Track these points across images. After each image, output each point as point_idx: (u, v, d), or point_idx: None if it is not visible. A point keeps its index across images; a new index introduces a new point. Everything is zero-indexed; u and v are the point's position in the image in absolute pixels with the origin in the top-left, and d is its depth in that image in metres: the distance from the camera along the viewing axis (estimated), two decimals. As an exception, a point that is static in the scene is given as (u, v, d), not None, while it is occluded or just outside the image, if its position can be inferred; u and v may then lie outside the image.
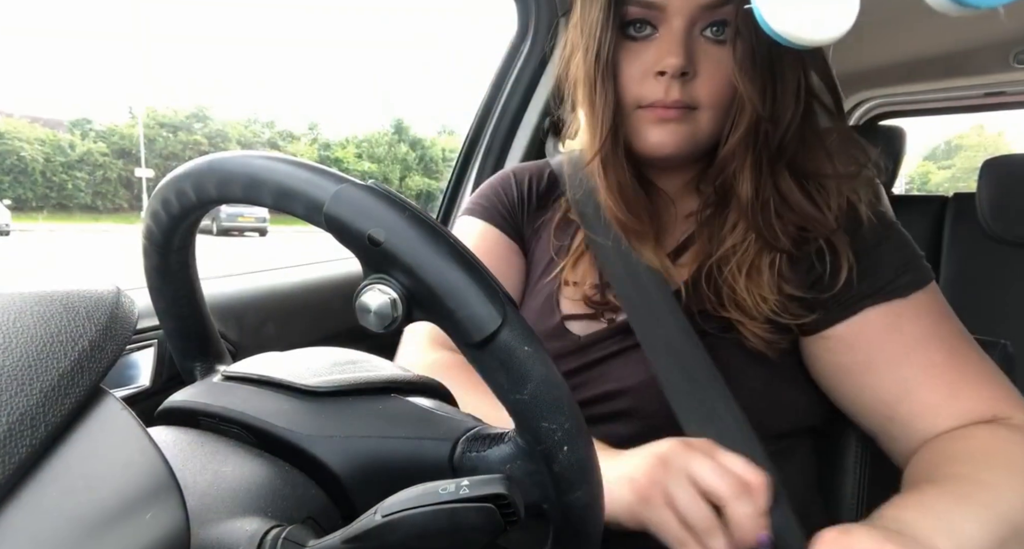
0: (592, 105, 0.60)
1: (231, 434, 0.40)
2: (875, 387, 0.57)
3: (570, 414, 0.32)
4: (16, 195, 19.90)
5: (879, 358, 0.57)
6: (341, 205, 0.31)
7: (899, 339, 0.56)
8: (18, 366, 0.26)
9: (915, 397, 0.55)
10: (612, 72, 0.58)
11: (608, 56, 0.57)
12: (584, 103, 0.62)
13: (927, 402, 0.55)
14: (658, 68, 0.56)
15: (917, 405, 0.55)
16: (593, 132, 0.61)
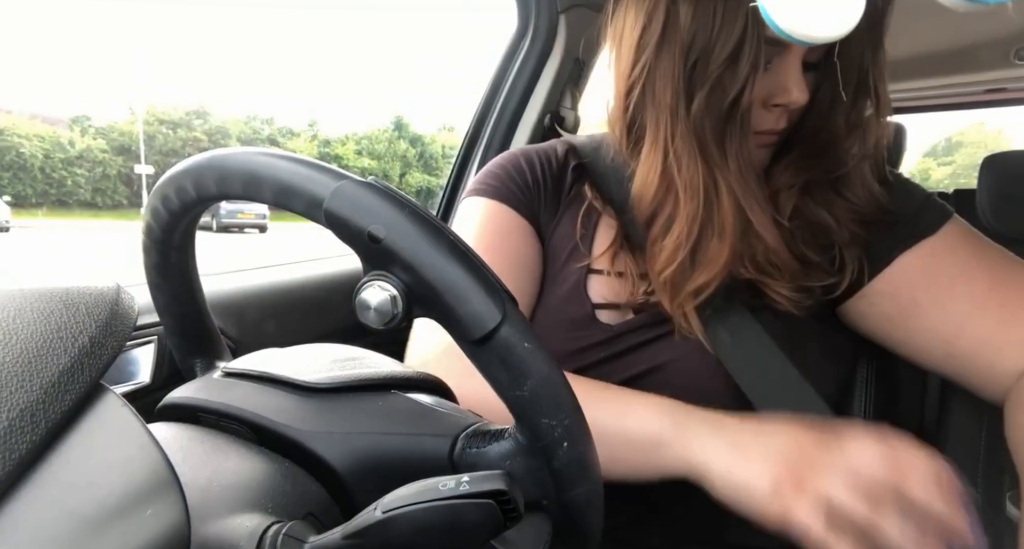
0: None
1: (231, 430, 0.40)
2: (926, 329, 0.56)
3: (570, 411, 0.32)
4: (16, 191, 19.89)
5: (924, 299, 0.56)
6: (341, 202, 0.31)
7: (939, 276, 0.56)
8: (18, 362, 0.26)
9: (968, 332, 0.54)
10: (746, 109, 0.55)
11: (749, 95, 0.53)
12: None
13: (980, 334, 0.54)
14: (779, 100, 0.55)
15: (972, 340, 0.54)
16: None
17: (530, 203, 0.68)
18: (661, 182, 0.57)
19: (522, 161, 0.70)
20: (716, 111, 0.53)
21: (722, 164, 0.54)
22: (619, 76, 0.58)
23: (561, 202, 0.69)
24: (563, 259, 0.65)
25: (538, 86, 1.19)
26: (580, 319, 0.62)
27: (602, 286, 0.63)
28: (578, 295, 0.62)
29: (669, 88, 0.54)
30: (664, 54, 0.54)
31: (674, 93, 0.54)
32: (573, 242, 0.65)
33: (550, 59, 1.18)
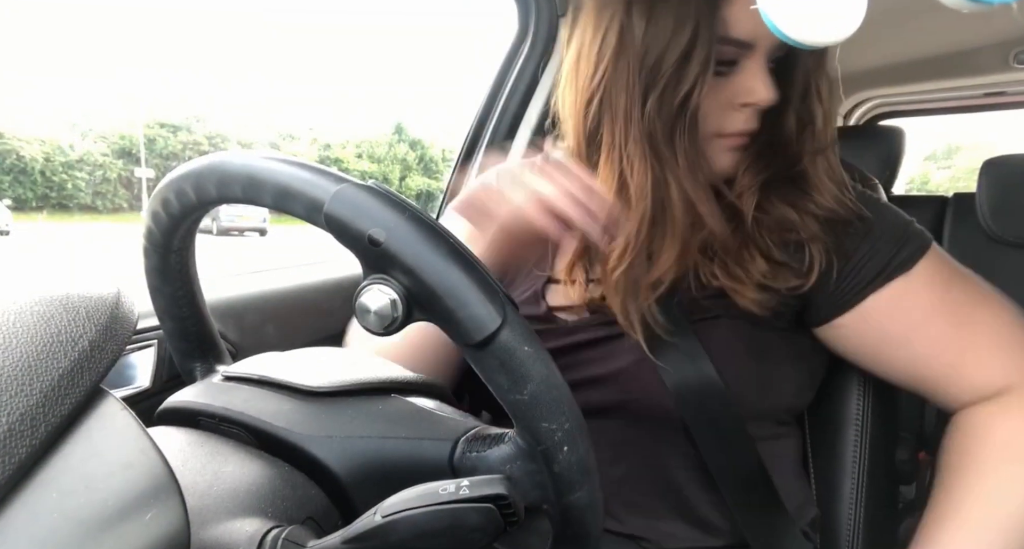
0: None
1: (231, 434, 0.40)
2: (890, 365, 0.61)
3: (570, 415, 0.32)
4: (16, 195, 19.90)
5: (887, 341, 0.59)
6: (341, 205, 0.31)
7: (903, 319, 0.58)
8: (18, 366, 0.26)
9: (926, 374, 0.59)
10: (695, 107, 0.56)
11: (699, 94, 0.55)
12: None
13: (938, 378, 0.59)
14: (746, 100, 0.57)
15: (930, 382, 0.59)
16: None
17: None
18: (616, 187, 0.58)
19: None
20: (667, 111, 0.55)
21: (672, 162, 0.56)
22: (579, 89, 0.61)
23: None
24: (524, 273, 0.70)
25: (538, 89, 1.20)
26: (537, 317, 0.65)
27: (558, 293, 0.67)
28: (535, 300, 0.67)
29: (623, 94, 0.56)
30: (620, 63, 0.56)
31: (628, 98, 0.56)
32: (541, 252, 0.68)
33: (550, 63, 1.18)
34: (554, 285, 0.67)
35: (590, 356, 0.62)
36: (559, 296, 0.66)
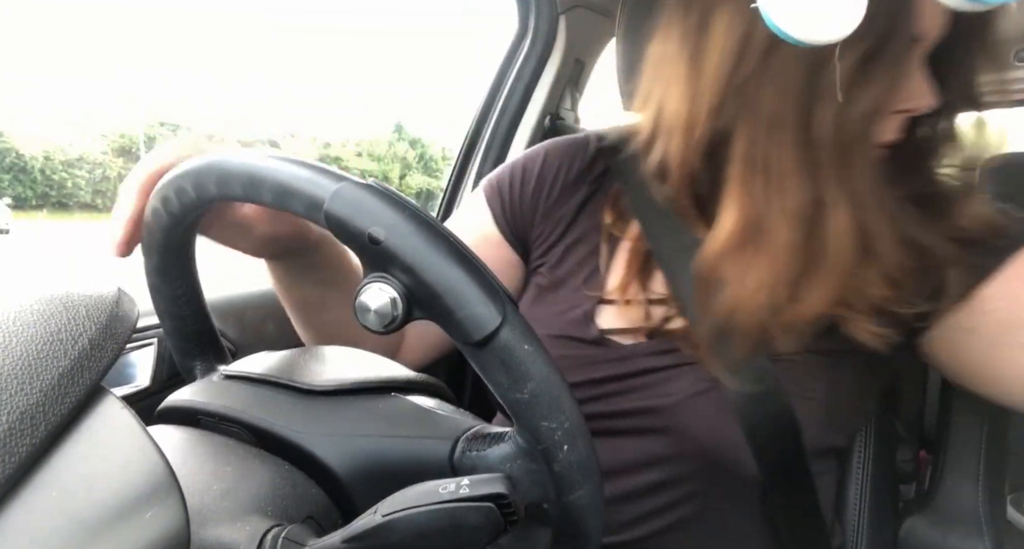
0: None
1: (231, 433, 0.40)
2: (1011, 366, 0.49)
3: (570, 413, 0.32)
4: (16, 194, 19.90)
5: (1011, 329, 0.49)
6: (341, 203, 0.31)
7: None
8: (18, 365, 0.26)
9: None
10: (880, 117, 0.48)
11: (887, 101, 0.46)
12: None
13: None
14: (905, 106, 0.49)
15: None
16: None
17: (518, 218, 0.65)
18: (754, 212, 0.49)
19: (538, 164, 0.66)
20: (843, 123, 0.45)
21: (843, 183, 0.46)
22: (701, 90, 0.50)
23: (572, 216, 0.63)
24: (569, 283, 0.60)
25: (538, 87, 1.20)
26: (586, 341, 0.57)
27: (611, 314, 0.58)
28: (584, 322, 0.58)
29: (780, 98, 0.46)
30: (775, 58, 0.46)
31: (786, 103, 0.46)
32: (585, 270, 0.60)
33: (550, 60, 1.18)
34: (606, 305, 0.58)
35: (645, 383, 0.55)
36: (612, 317, 0.58)
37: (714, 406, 0.51)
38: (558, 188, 0.64)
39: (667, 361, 0.54)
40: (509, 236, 0.65)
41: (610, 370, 0.56)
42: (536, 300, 0.62)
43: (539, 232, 0.64)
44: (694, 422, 0.52)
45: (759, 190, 0.48)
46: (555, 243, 0.63)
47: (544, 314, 0.60)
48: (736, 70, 0.48)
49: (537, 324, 0.55)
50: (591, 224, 0.62)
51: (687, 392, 0.52)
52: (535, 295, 0.63)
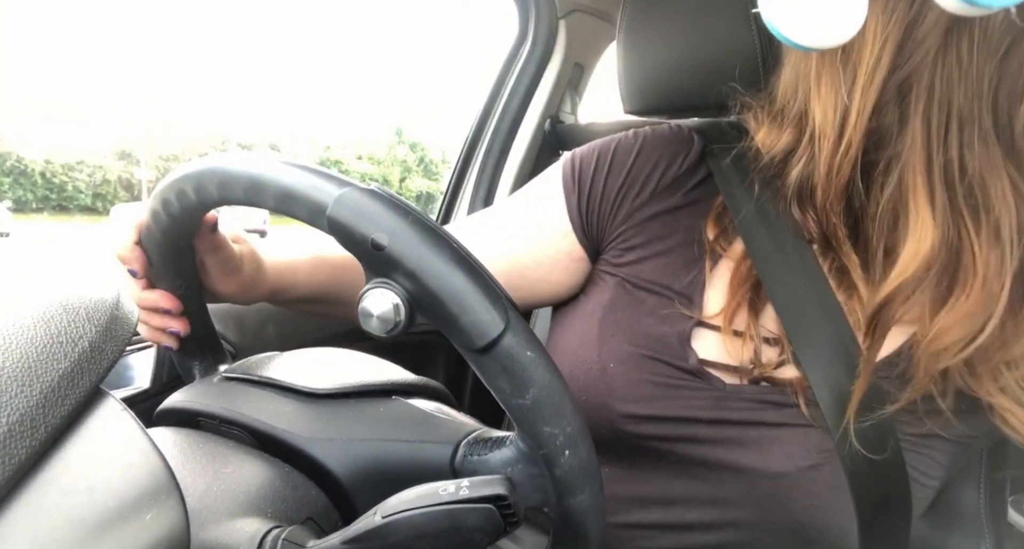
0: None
1: (231, 435, 0.40)
2: None
3: (572, 419, 0.32)
4: (16, 197, 19.92)
5: None
6: (344, 209, 0.31)
7: None
8: (18, 367, 0.26)
9: None
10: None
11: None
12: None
13: None
14: None
15: None
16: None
17: (597, 213, 0.55)
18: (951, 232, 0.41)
19: (631, 157, 0.55)
20: None
21: None
22: (866, 79, 0.42)
23: (666, 222, 0.54)
24: (660, 293, 0.52)
25: (538, 91, 1.20)
26: (681, 370, 0.49)
27: (711, 343, 0.50)
28: (680, 346, 0.50)
29: (961, 90, 0.39)
30: (952, 40, 0.39)
31: (969, 98, 0.39)
32: (681, 281, 0.52)
33: (550, 64, 1.18)
34: (705, 330, 0.50)
35: (747, 437, 0.47)
36: (713, 347, 0.50)
37: (827, 483, 0.45)
38: (650, 188, 0.54)
39: (776, 417, 0.47)
40: (580, 230, 0.56)
41: (707, 411, 0.48)
42: (618, 302, 0.53)
43: (620, 231, 0.55)
44: (800, 497, 0.46)
45: (947, 202, 0.41)
46: (639, 245, 0.54)
47: (628, 321, 0.51)
48: (900, 60, 0.40)
49: (621, 333, 0.51)
50: (688, 234, 0.53)
51: (798, 463, 0.46)
52: (617, 295, 0.53)
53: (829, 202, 0.47)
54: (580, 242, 0.56)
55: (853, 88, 0.42)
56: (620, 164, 0.55)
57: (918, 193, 0.41)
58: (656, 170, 0.54)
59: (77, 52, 50.76)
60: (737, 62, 0.61)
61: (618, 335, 0.51)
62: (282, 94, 53.86)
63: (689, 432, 0.49)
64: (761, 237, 0.49)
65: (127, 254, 0.43)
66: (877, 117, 0.42)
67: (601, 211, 0.55)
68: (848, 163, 0.44)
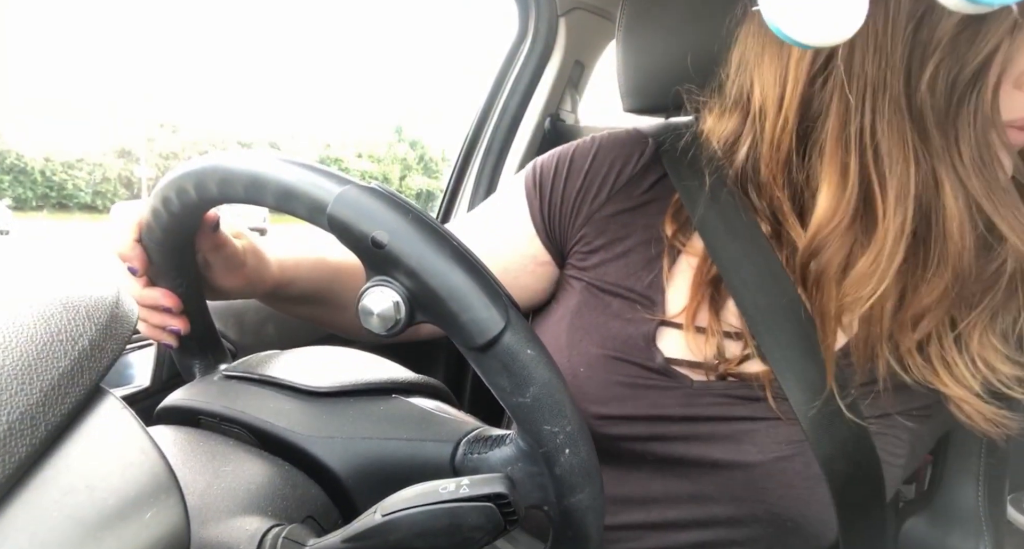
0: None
1: (232, 434, 0.40)
2: None
3: (572, 418, 0.32)
4: (16, 195, 19.91)
5: None
6: (344, 207, 0.31)
7: None
8: (18, 365, 0.26)
9: None
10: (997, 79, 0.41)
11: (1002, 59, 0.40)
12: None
13: None
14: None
15: None
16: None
17: (558, 216, 0.57)
18: (852, 193, 0.43)
19: (587, 161, 0.57)
20: (947, 87, 0.40)
21: (951, 156, 0.41)
22: (798, 57, 0.44)
23: (624, 222, 0.55)
24: (623, 295, 0.53)
25: (538, 89, 1.20)
26: (649, 369, 0.50)
27: (675, 341, 0.51)
28: (646, 346, 0.51)
29: (876, 61, 0.41)
30: (876, 17, 0.40)
31: (882, 67, 0.41)
32: (642, 281, 0.53)
33: (550, 62, 1.18)
34: (669, 328, 0.51)
35: (718, 432, 0.49)
36: (677, 345, 0.51)
37: (799, 473, 0.47)
38: (607, 189, 0.56)
39: (745, 411, 0.48)
40: (543, 234, 0.57)
41: (677, 408, 0.49)
42: (584, 306, 0.54)
43: (582, 234, 0.56)
44: (774, 488, 0.47)
45: (859, 167, 0.43)
46: (601, 247, 0.55)
47: (594, 324, 0.53)
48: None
49: (588, 336, 0.52)
50: (646, 233, 0.54)
51: (770, 454, 0.47)
52: (584, 300, 0.55)
53: (773, 176, 0.49)
54: (544, 245, 0.58)
55: (789, 62, 0.45)
56: (578, 168, 0.57)
57: (833, 159, 0.44)
58: (612, 171, 0.56)
59: (77, 51, 50.69)
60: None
61: (586, 339, 0.52)
62: (282, 92, 53.83)
63: (660, 430, 0.50)
64: (717, 230, 0.51)
65: (127, 252, 0.43)
66: (808, 89, 0.44)
67: (562, 214, 0.57)
68: (788, 135, 0.46)
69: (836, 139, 0.43)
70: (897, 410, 0.48)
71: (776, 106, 0.46)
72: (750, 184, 0.51)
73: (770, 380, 0.48)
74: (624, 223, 0.55)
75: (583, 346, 0.52)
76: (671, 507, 0.51)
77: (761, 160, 0.49)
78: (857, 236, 0.44)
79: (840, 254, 0.45)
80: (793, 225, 0.48)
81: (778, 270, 0.49)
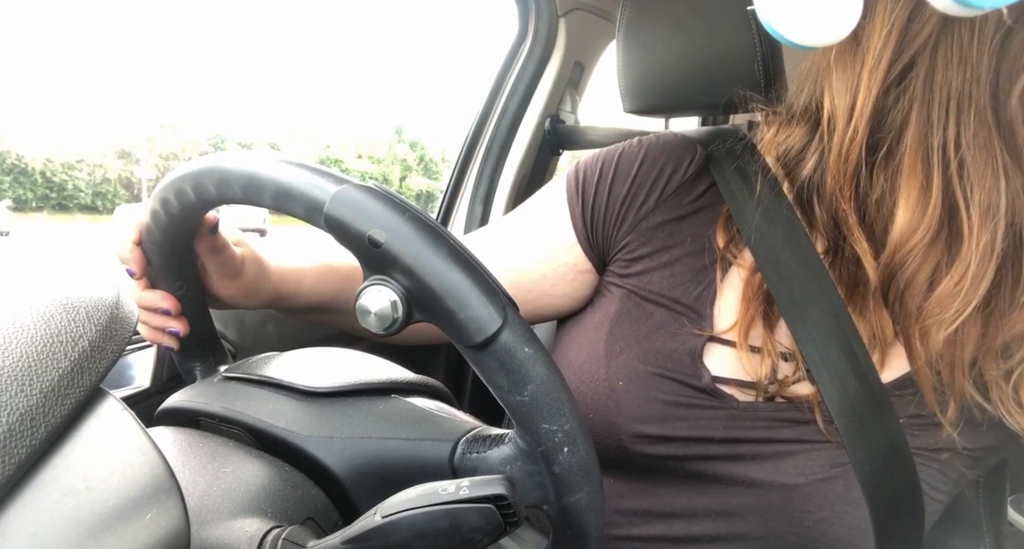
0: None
1: (232, 435, 0.40)
2: None
3: (571, 416, 0.32)
4: (16, 195, 19.91)
5: None
6: (341, 206, 0.31)
7: None
8: (18, 366, 0.26)
9: None
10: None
11: None
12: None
13: None
14: None
15: None
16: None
17: (602, 223, 0.54)
18: (937, 210, 0.42)
19: (635, 165, 0.54)
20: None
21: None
22: (872, 65, 0.42)
23: (673, 231, 0.53)
24: (669, 306, 0.51)
25: (538, 89, 1.20)
26: (696, 388, 0.48)
27: (724, 359, 0.49)
28: (691, 363, 0.49)
29: (961, 73, 0.39)
30: (954, 23, 0.39)
31: (968, 80, 0.39)
32: (690, 293, 0.50)
33: (550, 62, 1.18)
34: (717, 346, 0.49)
35: (761, 453, 0.47)
36: (726, 363, 0.49)
37: (840, 497, 0.45)
38: (656, 196, 0.53)
39: (790, 434, 0.47)
40: (585, 241, 0.55)
41: (720, 430, 0.48)
42: (625, 315, 0.52)
43: (626, 242, 0.53)
44: (812, 510, 0.46)
45: (942, 182, 0.41)
46: (646, 256, 0.52)
47: (637, 336, 0.50)
48: (904, 44, 0.41)
49: (629, 349, 0.50)
50: (696, 243, 0.52)
51: (811, 476, 0.46)
52: (624, 308, 0.52)
53: (840, 188, 0.46)
54: (586, 253, 0.55)
55: (861, 71, 0.43)
56: (624, 172, 0.54)
57: (913, 173, 0.42)
58: (661, 177, 0.53)
59: (77, 51, 50.63)
60: (736, 61, 0.61)
61: (627, 351, 0.50)
62: (282, 92, 53.81)
63: (700, 451, 0.48)
64: (769, 245, 0.49)
65: (126, 254, 0.43)
66: (882, 100, 0.43)
67: (606, 221, 0.54)
68: (857, 146, 0.44)
69: (915, 153, 0.42)
70: (953, 448, 0.46)
71: (846, 116, 0.44)
72: (815, 196, 0.49)
73: (818, 401, 0.46)
74: (672, 232, 0.52)
75: (623, 358, 0.50)
76: (695, 522, 0.50)
77: (827, 172, 0.47)
78: (943, 255, 0.43)
79: (923, 272, 0.43)
80: (859, 239, 0.46)
81: (829, 288, 0.47)
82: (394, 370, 0.44)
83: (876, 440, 0.45)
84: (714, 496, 0.49)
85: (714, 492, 0.49)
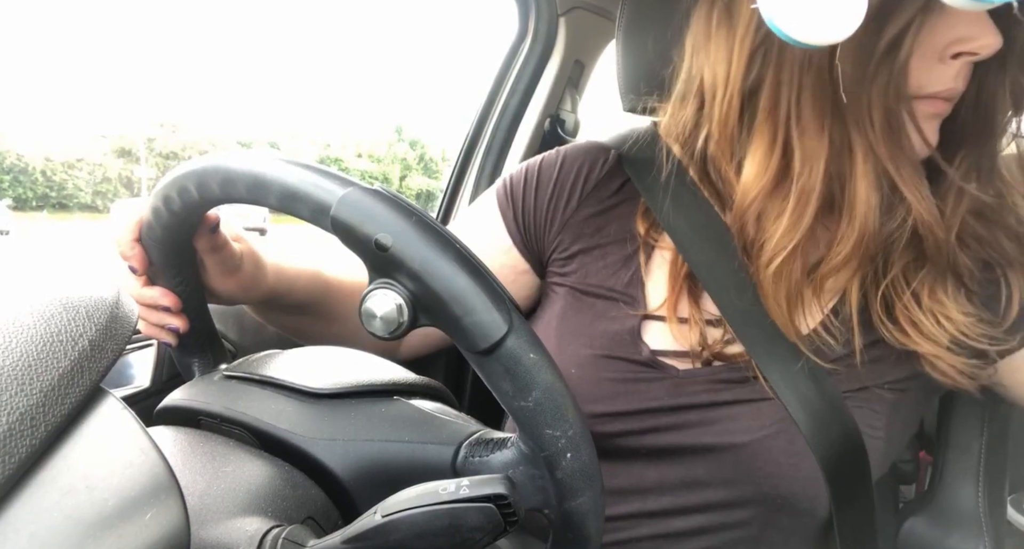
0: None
1: (232, 434, 0.40)
2: None
3: (574, 422, 0.32)
4: (17, 195, 19.91)
5: None
6: (348, 209, 0.31)
7: None
8: (18, 366, 0.26)
9: None
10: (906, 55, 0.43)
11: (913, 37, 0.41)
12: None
13: None
14: (965, 48, 0.42)
15: None
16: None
17: (533, 225, 0.60)
18: (777, 157, 0.46)
19: (555, 170, 0.60)
20: (863, 58, 0.42)
21: (862, 124, 0.43)
22: (740, 41, 0.47)
23: (597, 225, 0.58)
24: (605, 295, 0.55)
25: (538, 89, 1.20)
26: (636, 362, 0.52)
27: (660, 333, 0.53)
28: (632, 340, 0.53)
29: None
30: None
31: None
32: (621, 279, 0.55)
33: (550, 61, 1.18)
34: (652, 321, 0.53)
35: (707, 418, 0.51)
36: (662, 337, 0.53)
37: (784, 450, 0.48)
38: (577, 195, 0.59)
39: (730, 395, 0.50)
40: (521, 244, 0.60)
41: (666, 399, 0.51)
42: (569, 310, 0.57)
43: (558, 241, 0.59)
44: (763, 466, 0.49)
45: (783, 137, 0.46)
46: (578, 252, 0.58)
47: (581, 325, 0.55)
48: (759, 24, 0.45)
49: (576, 339, 0.54)
50: (620, 233, 0.57)
51: (756, 433, 0.49)
52: (568, 304, 0.57)
53: (722, 151, 0.51)
54: (523, 255, 0.61)
55: (734, 42, 0.47)
56: (547, 177, 0.60)
57: (763, 129, 0.47)
58: (580, 178, 0.59)
59: (78, 51, 50.61)
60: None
61: (575, 342, 0.54)
62: (282, 92, 53.80)
63: (652, 423, 0.52)
64: (682, 227, 0.54)
65: (127, 251, 0.43)
66: (751, 65, 0.47)
67: (537, 223, 0.59)
68: (734, 111, 0.48)
69: (767, 110, 0.46)
70: (873, 383, 0.50)
71: (724, 84, 0.48)
72: (712, 166, 0.54)
73: (749, 358, 0.50)
74: (598, 226, 0.58)
75: (572, 348, 0.54)
76: (665, 495, 0.52)
77: (711, 139, 0.51)
78: (782, 204, 0.47)
79: (768, 219, 0.48)
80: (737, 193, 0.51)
81: (734, 252, 0.51)
82: (396, 370, 0.44)
83: (804, 388, 0.48)
84: (678, 467, 0.52)
85: (677, 463, 0.52)
